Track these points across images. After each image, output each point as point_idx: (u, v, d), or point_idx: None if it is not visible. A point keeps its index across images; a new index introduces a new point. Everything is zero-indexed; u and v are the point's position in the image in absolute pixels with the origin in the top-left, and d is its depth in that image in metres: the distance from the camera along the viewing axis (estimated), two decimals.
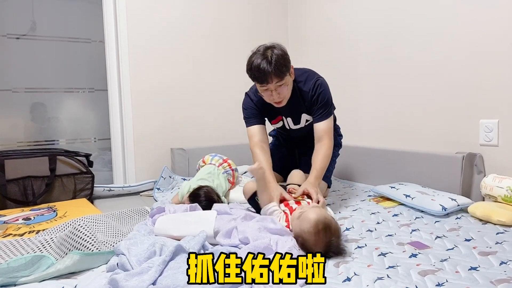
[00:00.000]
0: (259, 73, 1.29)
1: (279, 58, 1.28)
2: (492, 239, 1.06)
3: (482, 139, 1.47)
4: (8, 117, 2.61)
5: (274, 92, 1.34)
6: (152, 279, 0.77)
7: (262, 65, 1.28)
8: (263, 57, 1.29)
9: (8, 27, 2.58)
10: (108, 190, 1.85)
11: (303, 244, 0.96)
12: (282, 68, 1.29)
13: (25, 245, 1.04)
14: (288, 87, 1.37)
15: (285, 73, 1.32)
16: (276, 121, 1.55)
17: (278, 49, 1.31)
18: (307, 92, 1.43)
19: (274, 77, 1.29)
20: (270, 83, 1.30)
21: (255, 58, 1.31)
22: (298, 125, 1.53)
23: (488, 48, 1.43)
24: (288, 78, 1.35)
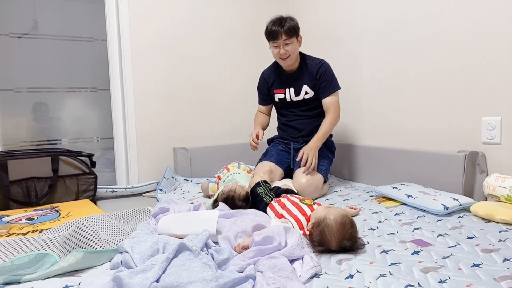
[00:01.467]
0: (272, 31, 1.67)
1: (290, 24, 1.68)
2: (495, 237, 1.06)
3: (485, 137, 1.46)
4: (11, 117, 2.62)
5: (282, 48, 1.69)
6: (156, 277, 0.77)
7: (275, 26, 1.67)
8: (278, 20, 1.69)
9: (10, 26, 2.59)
10: (111, 191, 1.86)
11: (322, 231, 0.95)
12: (291, 30, 1.67)
13: (29, 244, 1.05)
14: (294, 47, 1.71)
15: (293, 35, 1.68)
16: (279, 91, 1.84)
17: (291, 20, 1.70)
18: (312, 67, 1.76)
19: (283, 34, 1.66)
20: (279, 39, 1.67)
21: (272, 21, 1.70)
22: (298, 96, 1.80)
23: (491, 46, 1.42)
24: (295, 41, 1.71)
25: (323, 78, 1.73)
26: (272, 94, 1.87)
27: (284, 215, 1.16)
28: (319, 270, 0.86)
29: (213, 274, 0.78)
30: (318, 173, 1.65)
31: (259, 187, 1.38)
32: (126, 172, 2.11)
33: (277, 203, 1.25)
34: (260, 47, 2.44)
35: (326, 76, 1.74)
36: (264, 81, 1.89)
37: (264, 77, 1.89)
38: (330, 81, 1.74)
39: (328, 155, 1.81)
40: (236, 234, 1.01)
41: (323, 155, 1.76)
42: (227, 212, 1.23)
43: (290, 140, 1.86)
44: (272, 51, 1.74)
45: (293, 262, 0.90)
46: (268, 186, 1.40)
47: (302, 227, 1.09)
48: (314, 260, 0.89)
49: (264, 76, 1.90)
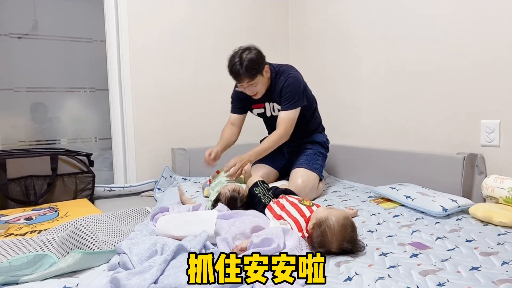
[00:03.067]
0: (233, 73, 1.56)
1: (250, 62, 1.52)
2: (494, 240, 1.06)
3: (484, 140, 1.47)
4: (10, 116, 2.61)
5: (247, 88, 1.60)
6: (154, 278, 0.77)
7: (235, 67, 1.53)
8: (238, 60, 1.53)
9: (10, 26, 2.58)
10: (109, 190, 1.86)
11: (324, 232, 0.95)
12: (252, 70, 1.53)
13: (27, 244, 1.05)
14: (260, 85, 1.60)
15: (256, 75, 1.55)
16: (257, 106, 1.75)
17: (252, 53, 1.54)
18: (280, 84, 1.64)
19: (244, 77, 1.54)
20: (242, 82, 1.56)
21: (231, 60, 1.56)
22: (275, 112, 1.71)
23: (490, 48, 1.43)
24: (260, 78, 1.58)
25: (284, 92, 1.62)
26: (250, 108, 1.78)
27: (283, 216, 1.16)
28: None
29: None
30: (313, 172, 1.64)
31: (257, 188, 1.37)
32: (124, 172, 2.10)
33: (275, 204, 1.24)
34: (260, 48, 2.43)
35: (289, 91, 1.61)
36: (236, 95, 1.77)
37: (236, 92, 1.75)
38: (292, 96, 1.61)
39: (321, 151, 1.78)
40: (235, 235, 1.01)
41: (315, 152, 1.73)
42: (226, 213, 1.23)
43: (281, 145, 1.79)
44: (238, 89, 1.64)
45: None
46: (266, 187, 1.39)
47: (301, 229, 1.08)
48: None
49: (236, 90, 1.73)
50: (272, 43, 2.49)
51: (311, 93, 1.79)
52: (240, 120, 1.80)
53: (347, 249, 0.95)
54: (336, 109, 2.17)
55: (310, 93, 1.78)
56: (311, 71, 2.36)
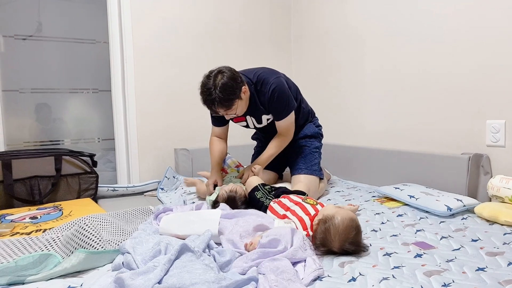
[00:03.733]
0: (208, 103, 1.40)
1: (225, 89, 1.35)
2: (500, 239, 1.05)
3: (489, 140, 1.45)
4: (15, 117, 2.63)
5: (225, 115, 1.47)
6: (158, 278, 0.77)
7: (208, 100, 1.38)
8: (207, 90, 1.37)
9: (15, 28, 2.61)
10: (112, 190, 1.86)
11: (327, 229, 0.95)
12: (227, 98, 1.37)
13: (33, 244, 1.05)
14: (240, 108, 1.46)
15: (233, 101, 1.39)
16: (238, 120, 1.64)
17: (225, 77, 1.37)
18: (264, 96, 1.52)
19: (220, 107, 1.39)
20: (218, 112, 1.43)
21: (203, 90, 1.39)
22: (260, 124, 1.64)
23: (496, 48, 1.41)
24: (238, 102, 1.42)
25: (273, 106, 1.53)
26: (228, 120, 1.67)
27: (288, 216, 1.15)
28: (321, 273, 0.86)
29: (216, 276, 0.78)
30: (313, 175, 1.61)
31: (258, 192, 1.36)
32: (127, 173, 2.11)
33: (277, 204, 1.23)
34: (262, 49, 2.43)
35: (277, 104, 1.51)
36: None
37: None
38: (283, 107, 1.53)
39: (316, 144, 1.71)
40: (240, 235, 1.01)
41: (311, 150, 1.68)
42: (229, 212, 1.22)
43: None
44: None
45: (296, 265, 0.89)
46: (267, 189, 1.38)
47: (305, 228, 1.08)
48: (317, 263, 0.88)
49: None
50: (275, 43, 2.48)
51: (293, 85, 1.66)
52: (225, 132, 1.70)
53: (349, 250, 0.95)
54: (339, 110, 2.17)
55: (293, 86, 1.66)
56: (314, 72, 2.36)
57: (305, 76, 2.43)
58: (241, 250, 0.96)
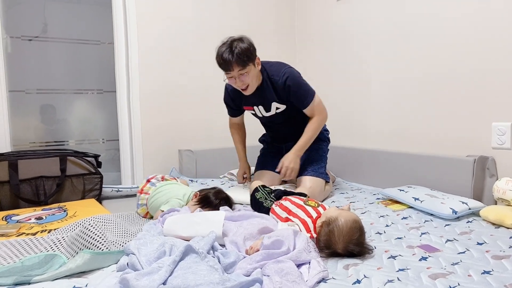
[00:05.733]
0: (223, 61, 1.46)
1: (242, 50, 1.44)
2: (506, 243, 1.04)
3: (495, 142, 1.44)
4: (21, 118, 2.65)
5: (237, 79, 1.49)
6: (163, 279, 0.77)
7: (225, 54, 1.44)
8: (228, 47, 1.45)
9: (22, 29, 2.63)
10: (117, 190, 1.87)
11: (331, 231, 0.95)
12: (244, 58, 1.44)
13: (38, 244, 1.06)
14: (251, 76, 1.51)
15: (247, 63, 1.46)
16: (248, 108, 1.72)
17: (243, 42, 1.48)
18: (277, 82, 1.56)
19: (235, 65, 1.45)
20: (232, 70, 1.46)
21: (221, 48, 1.47)
22: (269, 112, 1.66)
23: (502, 51, 1.41)
24: (252, 68, 1.49)
25: (293, 94, 1.55)
26: (242, 110, 1.76)
27: (290, 219, 1.15)
28: (326, 275, 0.85)
29: (220, 277, 0.78)
30: (319, 178, 1.62)
31: (258, 192, 1.36)
32: (131, 174, 2.12)
33: (278, 207, 1.23)
34: (266, 49, 2.42)
35: (296, 90, 1.54)
36: (229, 97, 1.72)
37: (229, 92, 1.71)
38: (302, 93, 1.56)
39: (323, 148, 1.74)
40: (244, 237, 1.01)
41: (319, 155, 1.70)
42: (233, 214, 1.23)
43: (281, 144, 1.80)
44: (228, 82, 1.56)
45: (300, 267, 0.89)
46: (267, 190, 1.38)
47: (309, 230, 1.08)
48: (321, 265, 0.88)
49: (228, 91, 1.71)
50: (279, 43, 2.49)
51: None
52: (241, 120, 1.84)
53: (354, 251, 0.95)
54: (344, 111, 2.16)
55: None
56: (318, 73, 2.36)
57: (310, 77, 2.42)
58: (244, 254, 0.96)
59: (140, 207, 1.45)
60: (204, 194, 1.35)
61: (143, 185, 1.50)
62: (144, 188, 1.48)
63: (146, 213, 1.44)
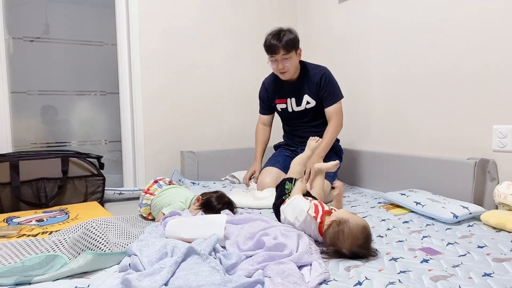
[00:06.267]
0: (270, 45, 1.65)
1: (289, 38, 1.64)
2: (507, 246, 1.04)
3: (496, 145, 1.45)
4: (23, 119, 2.66)
5: (280, 63, 1.67)
6: (165, 280, 0.77)
7: (273, 39, 1.64)
8: (277, 33, 1.65)
9: (23, 30, 2.64)
10: (119, 193, 1.87)
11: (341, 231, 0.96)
12: (289, 44, 1.64)
13: (39, 245, 1.06)
14: (292, 63, 1.68)
15: (291, 50, 1.65)
16: (281, 101, 1.84)
17: (291, 32, 1.67)
18: (314, 75, 1.74)
19: (281, 49, 1.63)
20: (277, 54, 1.64)
21: (270, 34, 1.67)
22: (299, 107, 1.79)
23: (502, 53, 1.41)
24: (293, 55, 1.68)
25: (326, 88, 1.72)
26: (274, 105, 1.87)
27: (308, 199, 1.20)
28: (327, 277, 0.86)
29: (222, 278, 0.78)
30: (327, 180, 1.63)
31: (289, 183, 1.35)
32: (133, 175, 2.12)
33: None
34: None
35: (330, 86, 1.73)
36: (265, 90, 1.89)
37: (265, 86, 1.89)
38: (333, 90, 1.74)
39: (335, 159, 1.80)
40: (245, 237, 1.01)
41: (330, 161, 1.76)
42: (234, 217, 1.23)
43: (297, 147, 1.86)
44: (270, 65, 1.73)
45: (302, 268, 0.89)
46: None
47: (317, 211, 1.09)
48: (323, 267, 0.88)
49: (265, 85, 1.89)
50: None
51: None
52: (271, 120, 1.96)
53: (359, 253, 0.95)
54: (344, 113, 2.16)
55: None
56: None
57: None
58: (246, 252, 0.96)
59: (143, 207, 1.45)
60: (207, 198, 1.35)
61: (149, 185, 1.50)
62: (150, 189, 1.48)
63: (149, 213, 1.45)
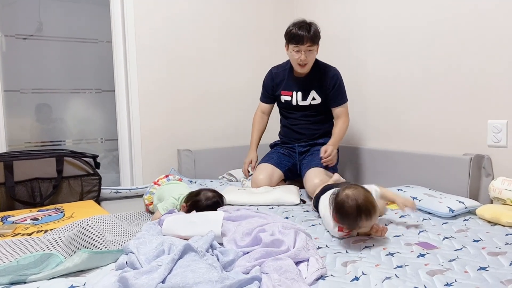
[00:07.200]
0: (298, 34, 1.63)
1: (317, 31, 1.68)
2: (502, 240, 1.05)
3: (491, 140, 1.46)
4: (17, 117, 2.63)
5: (303, 54, 1.66)
6: (162, 277, 0.77)
7: (301, 29, 1.63)
8: (306, 24, 1.66)
9: (16, 27, 2.61)
10: (115, 192, 1.86)
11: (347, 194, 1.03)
12: (316, 37, 1.66)
13: (34, 244, 1.05)
14: (313, 55, 1.70)
15: (316, 42, 1.68)
16: (286, 93, 1.82)
17: (315, 26, 1.69)
18: (325, 74, 1.76)
19: (308, 40, 1.63)
20: (303, 44, 1.63)
21: (297, 25, 1.66)
22: (304, 101, 1.79)
23: (497, 49, 1.42)
24: (315, 49, 1.70)
25: (337, 88, 1.75)
26: (278, 95, 1.84)
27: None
28: (324, 272, 0.86)
29: (219, 275, 0.78)
30: (329, 171, 1.67)
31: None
32: (130, 174, 2.11)
33: None
34: (265, 48, 2.44)
35: (340, 88, 1.76)
36: (270, 79, 1.86)
37: (272, 74, 1.86)
38: (343, 92, 1.77)
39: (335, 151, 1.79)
40: (243, 233, 1.01)
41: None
42: (231, 214, 1.23)
43: (293, 143, 1.86)
44: (291, 55, 1.70)
45: (299, 264, 0.89)
46: None
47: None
48: (320, 262, 0.88)
49: (272, 73, 1.87)
50: (278, 44, 2.48)
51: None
52: (270, 109, 1.93)
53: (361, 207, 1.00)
54: None
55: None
56: None
57: None
58: (243, 248, 0.96)
59: (148, 194, 1.52)
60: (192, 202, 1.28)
61: (160, 178, 1.59)
62: (160, 181, 1.56)
63: (150, 203, 1.50)
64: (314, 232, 1.17)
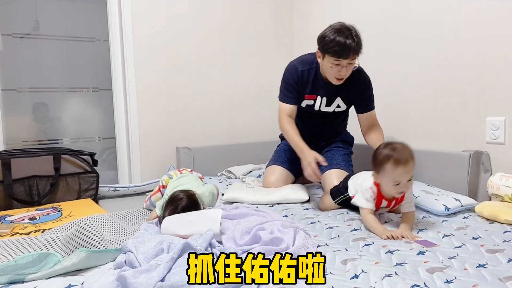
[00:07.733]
0: (342, 47, 1.34)
1: (359, 39, 1.37)
2: (500, 237, 1.06)
3: (489, 137, 1.46)
4: (14, 116, 2.62)
5: (344, 68, 1.39)
6: (161, 276, 0.77)
7: (348, 41, 1.33)
8: (349, 33, 1.34)
9: (13, 26, 2.59)
10: (113, 190, 1.85)
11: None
12: (360, 46, 1.37)
13: (32, 243, 1.05)
14: (353, 67, 1.43)
15: (359, 54, 1.39)
16: (310, 97, 1.58)
17: (357, 31, 1.38)
18: (356, 78, 1.52)
19: (353, 54, 1.36)
20: (347, 58, 1.36)
21: (339, 34, 1.34)
22: (328, 107, 1.60)
23: (495, 46, 1.42)
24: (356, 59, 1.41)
25: (367, 92, 1.58)
26: (301, 99, 1.59)
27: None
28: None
29: None
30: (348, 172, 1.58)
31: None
32: (128, 172, 2.10)
33: None
34: (264, 47, 2.43)
35: (370, 90, 1.59)
36: (296, 77, 1.53)
37: (298, 72, 1.54)
38: (372, 97, 1.61)
39: (352, 151, 1.79)
40: (242, 231, 1.01)
41: (348, 153, 1.73)
42: (230, 212, 1.22)
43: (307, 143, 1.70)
44: (327, 67, 1.42)
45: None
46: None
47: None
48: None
49: (298, 71, 1.54)
50: (277, 43, 2.48)
51: None
52: (295, 111, 1.58)
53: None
54: None
55: None
56: None
57: None
58: (242, 246, 0.96)
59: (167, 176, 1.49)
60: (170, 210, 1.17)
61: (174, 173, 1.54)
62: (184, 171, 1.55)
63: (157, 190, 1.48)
64: (313, 230, 1.17)
